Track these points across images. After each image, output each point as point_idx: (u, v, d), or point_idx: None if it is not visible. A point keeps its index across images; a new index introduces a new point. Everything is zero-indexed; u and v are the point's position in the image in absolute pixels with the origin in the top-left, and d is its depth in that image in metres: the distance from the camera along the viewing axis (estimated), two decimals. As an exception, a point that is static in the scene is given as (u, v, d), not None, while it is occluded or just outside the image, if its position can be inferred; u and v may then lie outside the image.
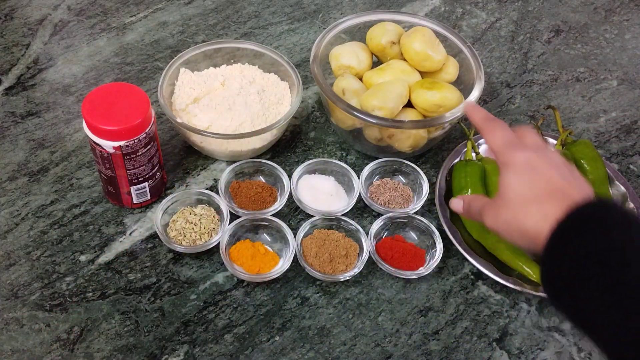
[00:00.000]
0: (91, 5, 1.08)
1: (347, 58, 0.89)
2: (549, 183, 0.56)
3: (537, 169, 0.57)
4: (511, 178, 0.58)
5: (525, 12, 1.15)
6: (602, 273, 0.48)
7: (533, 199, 0.55)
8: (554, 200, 0.54)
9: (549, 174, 0.56)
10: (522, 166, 0.58)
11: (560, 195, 0.54)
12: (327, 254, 0.77)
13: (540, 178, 0.56)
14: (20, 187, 0.84)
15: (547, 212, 0.53)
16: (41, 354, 0.70)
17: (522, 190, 0.57)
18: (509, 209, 0.57)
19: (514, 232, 0.57)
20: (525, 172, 0.57)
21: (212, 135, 0.81)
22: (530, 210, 0.55)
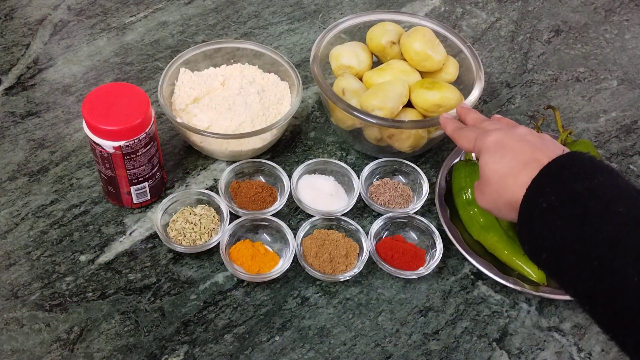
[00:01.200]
0: (91, 5, 1.08)
1: (347, 58, 0.89)
2: (520, 155, 0.60)
3: (507, 145, 0.61)
4: (486, 159, 0.62)
5: (525, 12, 1.15)
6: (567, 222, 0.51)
7: (509, 172, 0.59)
8: (526, 169, 0.58)
9: (518, 147, 0.60)
10: (493, 147, 0.62)
11: (532, 163, 0.58)
12: (327, 254, 0.77)
13: (511, 153, 0.60)
14: (20, 187, 0.84)
15: (522, 180, 0.57)
16: (41, 354, 0.70)
17: (497, 167, 0.61)
18: (491, 187, 0.62)
19: (501, 207, 0.61)
20: (497, 150, 0.62)
21: (212, 135, 0.81)
22: (508, 182, 0.59)
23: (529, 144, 0.61)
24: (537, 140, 0.62)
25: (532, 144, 0.60)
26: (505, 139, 0.62)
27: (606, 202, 0.51)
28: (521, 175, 0.58)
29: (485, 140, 0.63)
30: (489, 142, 0.63)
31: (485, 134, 0.64)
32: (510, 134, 0.63)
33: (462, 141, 0.69)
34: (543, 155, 0.58)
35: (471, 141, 0.66)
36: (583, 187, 0.52)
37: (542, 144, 0.61)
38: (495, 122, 0.69)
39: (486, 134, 0.64)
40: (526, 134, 0.63)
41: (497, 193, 0.61)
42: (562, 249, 0.52)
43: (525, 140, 0.61)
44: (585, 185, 0.52)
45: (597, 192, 0.52)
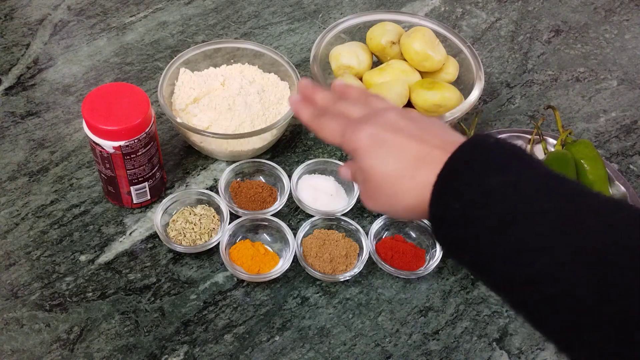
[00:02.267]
0: (91, 5, 1.08)
1: (347, 58, 0.89)
2: (407, 150, 0.52)
3: (387, 141, 0.53)
4: (369, 162, 0.53)
5: (525, 12, 1.15)
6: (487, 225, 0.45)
7: (401, 173, 0.51)
8: (422, 166, 0.50)
9: (400, 142, 0.52)
10: (371, 145, 0.53)
11: (428, 159, 0.50)
12: (327, 254, 0.77)
13: (395, 149, 0.52)
14: (20, 187, 0.84)
15: (420, 181, 0.50)
16: (41, 354, 0.70)
17: (385, 169, 0.52)
18: (383, 192, 0.53)
19: (401, 211, 0.53)
20: (377, 149, 0.53)
21: (212, 135, 0.81)
22: (404, 185, 0.51)
23: (409, 134, 0.52)
24: (414, 126, 0.53)
25: (412, 134, 0.52)
26: (381, 133, 0.53)
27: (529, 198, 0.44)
28: (418, 174, 0.50)
29: (357, 138, 0.54)
30: (363, 140, 0.53)
31: (355, 129, 0.54)
32: (382, 125, 0.53)
33: (324, 133, 0.57)
34: (433, 146, 0.51)
35: (336, 135, 0.56)
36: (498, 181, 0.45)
37: (421, 130, 0.53)
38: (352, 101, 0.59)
39: (356, 130, 0.54)
40: (397, 119, 0.54)
41: (394, 197, 0.52)
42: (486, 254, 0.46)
43: (403, 131, 0.53)
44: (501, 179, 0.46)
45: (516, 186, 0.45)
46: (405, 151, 0.52)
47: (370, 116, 0.55)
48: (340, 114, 0.58)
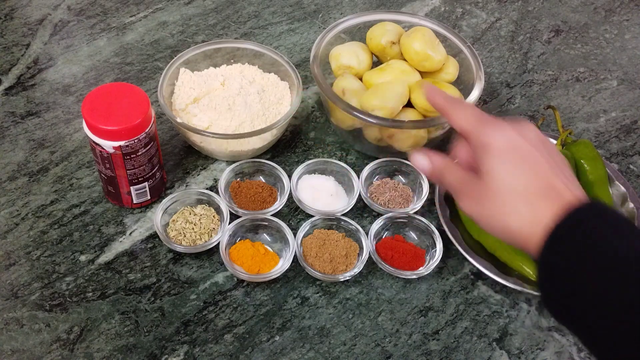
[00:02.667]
0: (91, 5, 1.08)
1: (347, 58, 0.89)
2: (540, 177, 0.50)
3: (523, 152, 0.51)
4: (497, 165, 0.51)
5: (525, 12, 1.15)
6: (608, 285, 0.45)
7: (523, 195, 0.49)
8: (546, 200, 0.48)
9: (539, 165, 0.50)
10: (507, 150, 0.51)
11: (553, 195, 0.49)
12: (327, 254, 0.77)
13: (528, 165, 0.50)
14: (20, 187, 0.84)
15: (538, 214, 0.48)
16: (41, 354, 0.70)
17: (511, 182, 0.50)
18: (495, 202, 0.50)
19: (497, 227, 0.51)
20: (512, 158, 0.51)
21: (212, 135, 0.81)
22: (519, 208, 0.49)
23: (545, 160, 0.51)
24: (549, 155, 0.52)
25: (548, 162, 0.51)
26: (520, 142, 0.51)
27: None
28: (538, 206, 0.48)
29: (494, 134, 0.51)
30: (500, 140, 0.51)
31: (494, 125, 0.52)
32: (523, 136, 0.52)
33: (457, 118, 0.55)
34: (562, 185, 0.49)
35: (471, 123, 0.53)
36: (622, 244, 0.45)
37: (553, 160, 0.51)
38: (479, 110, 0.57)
39: (495, 126, 0.52)
40: (534, 137, 0.52)
41: (502, 212, 0.50)
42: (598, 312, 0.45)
43: (540, 153, 0.51)
44: (626, 244, 0.45)
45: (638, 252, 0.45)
46: (536, 173, 0.50)
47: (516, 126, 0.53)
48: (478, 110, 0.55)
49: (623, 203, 0.84)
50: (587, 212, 0.48)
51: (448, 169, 0.56)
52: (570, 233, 0.47)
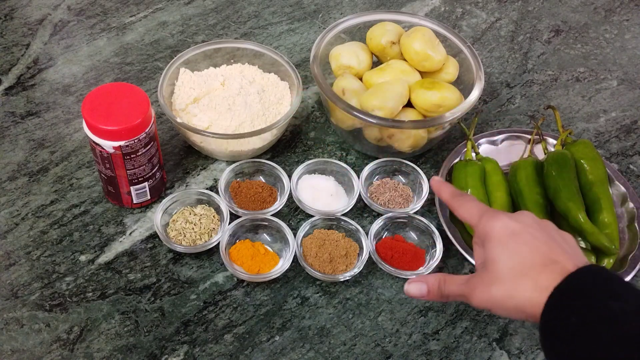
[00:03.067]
0: (91, 5, 1.08)
1: (347, 58, 0.89)
2: (537, 252, 0.54)
3: (520, 237, 0.55)
4: (497, 251, 0.55)
5: (525, 12, 1.15)
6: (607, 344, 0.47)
7: (525, 272, 0.53)
8: (547, 271, 0.52)
9: (535, 243, 0.55)
10: (504, 236, 0.56)
11: (552, 266, 0.53)
12: (327, 254, 0.77)
13: (527, 247, 0.55)
14: (20, 187, 0.84)
15: (541, 285, 0.52)
16: (41, 354, 0.70)
17: (511, 263, 0.54)
18: (501, 285, 0.54)
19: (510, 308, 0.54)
20: (510, 242, 0.55)
21: (212, 135, 0.81)
22: (523, 284, 0.53)
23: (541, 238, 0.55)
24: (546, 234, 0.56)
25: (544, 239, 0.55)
26: (518, 228, 0.56)
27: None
28: (540, 278, 0.52)
29: (494, 225, 0.57)
30: (499, 228, 0.56)
31: (493, 217, 0.57)
32: (518, 222, 0.56)
33: (462, 212, 0.61)
34: (561, 257, 0.53)
35: (474, 216, 0.59)
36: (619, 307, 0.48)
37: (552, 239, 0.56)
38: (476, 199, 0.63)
39: (494, 217, 0.57)
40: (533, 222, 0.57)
41: (509, 294, 0.53)
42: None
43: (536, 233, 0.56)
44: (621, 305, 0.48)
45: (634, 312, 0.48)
46: (534, 252, 0.54)
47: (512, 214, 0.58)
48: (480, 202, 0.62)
49: (623, 203, 0.84)
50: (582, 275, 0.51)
51: (445, 281, 0.59)
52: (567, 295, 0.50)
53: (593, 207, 0.80)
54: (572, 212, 0.77)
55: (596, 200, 0.80)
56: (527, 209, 0.80)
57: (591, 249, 0.78)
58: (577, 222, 0.77)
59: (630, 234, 0.81)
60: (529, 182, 0.82)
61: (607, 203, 0.80)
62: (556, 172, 0.80)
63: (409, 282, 0.61)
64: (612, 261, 0.77)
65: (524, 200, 0.81)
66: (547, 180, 0.81)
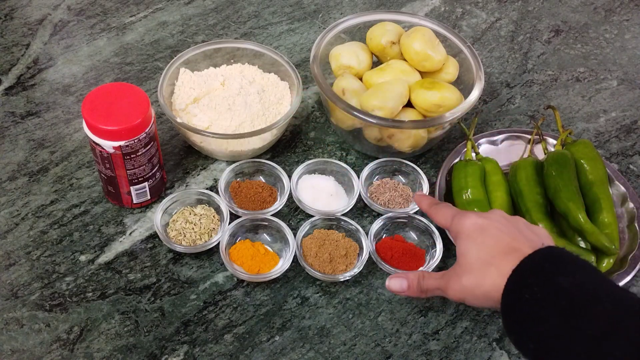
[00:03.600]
0: (91, 5, 1.08)
1: (347, 58, 0.89)
2: (501, 242, 0.59)
3: (487, 231, 0.61)
4: (465, 245, 0.61)
5: (525, 12, 1.15)
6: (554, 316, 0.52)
7: (490, 260, 0.58)
8: (509, 258, 0.57)
9: (499, 235, 0.60)
10: (472, 231, 0.61)
11: (514, 253, 0.57)
12: (327, 254, 0.77)
13: (492, 239, 0.60)
14: (20, 187, 0.84)
15: (503, 271, 0.56)
16: (41, 354, 0.70)
17: (479, 254, 0.60)
18: (471, 275, 0.60)
19: (479, 296, 0.59)
20: (477, 236, 0.61)
21: (212, 135, 0.81)
22: (489, 272, 0.58)
23: (507, 230, 0.61)
24: (512, 227, 0.61)
25: (510, 231, 0.60)
26: (485, 224, 0.61)
27: (591, 298, 0.52)
28: (503, 264, 0.57)
29: (464, 222, 0.63)
30: (468, 225, 0.62)
31: (463, 215, 0.64)
32: (487, 219, 0.62)
33: (439, 217, 0.68)
34: (523, 245, 0.58)
35: (448, 219, 0.66)
36: (567, 282, 0.53)
37: (518, 231, 0.61)
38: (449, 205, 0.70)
39: (464, 216, 0.63)
40: (501, 218, 0.63)
41: (477, 282, 0.59)
42: (550, 342, 0.52)
43: (504, 226, 0.61)
44: (570, 281, 0.53)
45: (582, 287, 0.53)
46: (499, 243, 0.59)
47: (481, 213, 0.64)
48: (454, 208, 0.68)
49: (623, 203, 0.84)
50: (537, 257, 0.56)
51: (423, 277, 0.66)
52: (522, 275, 0.55)
53: (593, 207, 0.80)
54: (572, 212, 0.77)
55: (596, 200, 0.80)
56: (527, 209, 0.80)
57: (591, 249, 0.78)
58: (577, 222, 0.77)
59: (630, 234, 0.81)
60: (529, 182, 0.81)
61: (607, 203, 0.80)
62: (556, 172, 0.80)
63: (390, 278, 0.67)
64: (612, 261, 0.77)
65: (524, 200, 0.81)
66: (547, 180, 0.81)
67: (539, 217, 0.79)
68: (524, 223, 0.63)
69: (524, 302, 0.54)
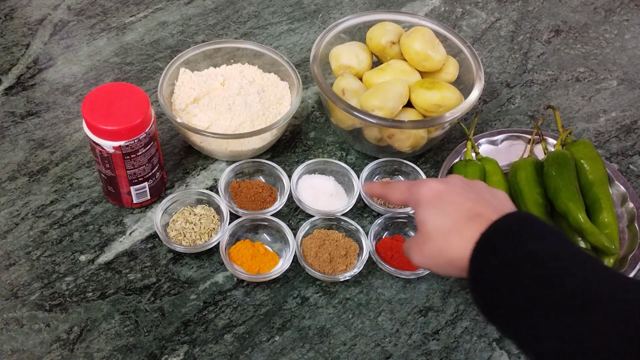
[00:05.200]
0: (91, 5, 1.08)
1: (347, 58, 0.89)
2: (462, 208, 0.57)
3: (446, 197, 0.58)
4: (425, 212, 0.59)
5: (525, 12, 1.15)
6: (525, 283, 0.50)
7: (452, 228, 0.56)
8: (472, 224, 0.55)
9: (458, 200, 0.58)
10: (431, 198, 0.59)
11: (477, 218, 0.55)
12: (327, 254, 0.77)
13: (452, 206, 0.58)
14: (20, 187, 0.84)
15: (467, 237, 0.55)
16: (41, 354, 0.70)
17: (439, 221, 0.58)
18: (432, 243, 0.58)
19: (443, 264, 0.58)
20: (436, 203, 0.59)
21: (212, 135, 0.81)
22: (451, 239, 0.56)
23: (466, 196, 0.59)
24: (473, 191, 0.59)
25: (469, 196, 0.58)
26: (444, 189, 0.59)
27: (561, 265, 0.50)
28: (466, 230, 0.55)
29: (421, 190, 0.60)
30: (426, 193, 0.59)
31: (419, 184, 0.61)
32: (445, 184, 0.60)
33: (394, 194, 0.65)
34: (487, 210, 0.56)
35: (404, 191, 0.63)
36: (537, 247, 0.51)
37: (479, 195, 0.59)
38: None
39: (420, 183, 0.61)
40: (459, 182, 0.61)
41: (439, 250, 0.57)
42: (520, 309, 0.50)
43: (464, 191, 0.59)
44: (540, 246, 0.52)
45: (552, 253, 0.51)
46: (459, 209, 0.57)
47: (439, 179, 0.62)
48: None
49: (623, 203, 0.84)
50: (505, 222, 0.54)
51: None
52: (490, 241, 0.53)
53: (593, 207, 0.80)
54: (572, 212, 0.77)
55: (596, 200, 0.80)
56: (527, 208, 0.80)
57: (591, 249, 0.78)
58: (577, 222, 0.77)
59: (630, 234, 0.81)
60: (529, 182, 0.81)
61: (607, 203, 0.80)
62: (556, 172, 0.80)
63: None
64: (612, 261, 0.77)
65: (524, 200, 0.81)
66: (547, 180, 0.81)
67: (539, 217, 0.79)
68: (484, 186, 0.61)
69: (493, 269, 0.52)
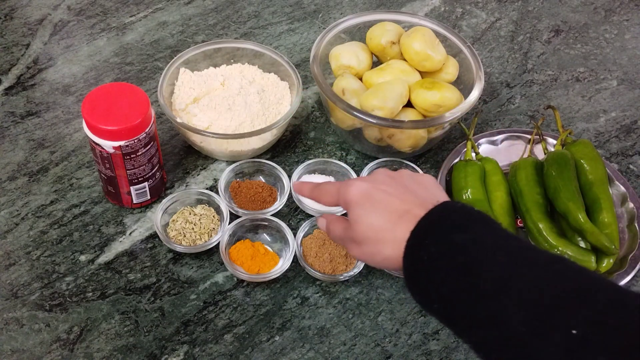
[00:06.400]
0: (91, 5, 1.08)
1: (347, 58, 0.89)
2: (391, 206, 0.58)
3: (373, 196, 0.59)
4: (357, 213, 0.60)
5: (525, 12, 1.15)
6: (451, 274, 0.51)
7: (384, 227, 0.58)
8: (402, 222, 0.56)
9: (386, 199, 0.59)
10: (360, 198, 0.60)
11: (406, 216, 0.56)
12: (327, 253, 0.77)
13: (381, 204, 0.59)
14: (20, 187, 0.84)
15: (399, 237, 0.56)
16: (41, 354, 0.70)
17: (371, 220, 0.59)
18: (367, 244, 0.59)
19: (379, 261, 0.59)
20: (365, 203, 0.59)
21: (212, 135, 0.81)
22: (385, 237, 0.57)
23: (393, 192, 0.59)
24: (399, 185, 0.60)
25: (397, 192, 0.59)
26: (370, 189, 0.60)
27: (486, 252, 0.51)
28: (397, 229, 0.56)
29: (349, 192, 0.61)
30: (354, 193, 0.60)
31: (347, 184, 0.62)
32: (372, 182, 0.61)
33: (324, 197, 0.66)
34: (414, 205, 0.57)
35: (334, 194, 0.64)
36: (462, 238, 0.52)
37: (406, 189, 0.60)
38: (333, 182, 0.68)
39: (348, 185, 0.62)
40: (386, 178, 0.61)
41: (375, 248, 0.58)
42: (451, 300, 0.52)
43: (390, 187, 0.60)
44: (464, 236, 0.52)
45: (476, 242, 0.52)
46: (388, 207, 0.58)
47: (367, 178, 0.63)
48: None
49: (623, 203, 0.84)
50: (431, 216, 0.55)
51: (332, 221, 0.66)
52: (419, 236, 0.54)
53: (593, 207, 0.80)
54: (572, 212, 0.77)
55: (596, 200, 0.80)
56: (527, 209, 0.80)
57: (591, 249, 0.78)
58: (577, 222, 0.77)
59: (630, 234, 0.81)
60: (529, 182, 0.82)
61: (607, 203, 0.80)
62: (556, 172, 0.80)
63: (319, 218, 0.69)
64: (612, 261, 0.77)
65: (524, 200, 0.81)
66: (547, 180, 0.81)
67: (539, 217, 0.79)
68: (410, 177, 0.62)
69: (423, 264, 0.53)
